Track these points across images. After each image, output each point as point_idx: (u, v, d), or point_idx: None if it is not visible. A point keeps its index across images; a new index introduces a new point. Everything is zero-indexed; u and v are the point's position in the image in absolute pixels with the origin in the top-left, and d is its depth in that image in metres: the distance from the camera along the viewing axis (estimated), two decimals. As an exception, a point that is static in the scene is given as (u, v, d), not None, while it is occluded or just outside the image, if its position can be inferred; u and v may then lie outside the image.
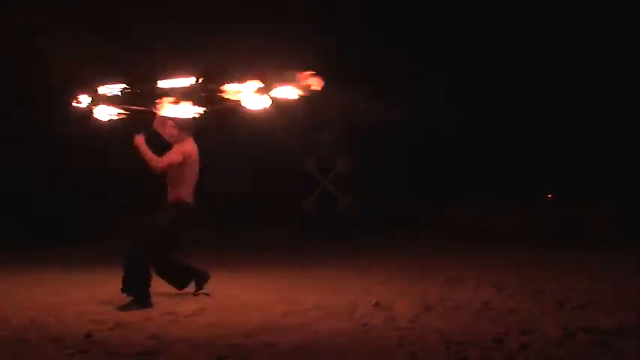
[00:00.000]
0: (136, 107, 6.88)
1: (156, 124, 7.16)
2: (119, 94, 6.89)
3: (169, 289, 7.65)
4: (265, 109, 6.61)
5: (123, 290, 6.62)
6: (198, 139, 7.26)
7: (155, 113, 6.91)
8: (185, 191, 7.02)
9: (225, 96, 6.45)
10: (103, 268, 9.98)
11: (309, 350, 4.63)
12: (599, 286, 7.61)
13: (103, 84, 6.91)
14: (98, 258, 11.99)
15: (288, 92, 6.39)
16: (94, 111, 6.84)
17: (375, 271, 9.72)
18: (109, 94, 6.87)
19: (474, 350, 4.57)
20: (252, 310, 6.22)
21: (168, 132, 7.12)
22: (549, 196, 18.41)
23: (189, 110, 6.65)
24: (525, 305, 6.31)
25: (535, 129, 18.35)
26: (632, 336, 4.91)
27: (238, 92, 6.45)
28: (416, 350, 4.61)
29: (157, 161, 6.85)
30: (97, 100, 6.82)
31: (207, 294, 7.09)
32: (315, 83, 6.36)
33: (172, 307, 6.38)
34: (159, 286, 8.01)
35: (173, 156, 6.97)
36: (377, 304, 6.41)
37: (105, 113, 6.85)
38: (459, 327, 5.32)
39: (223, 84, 6.46)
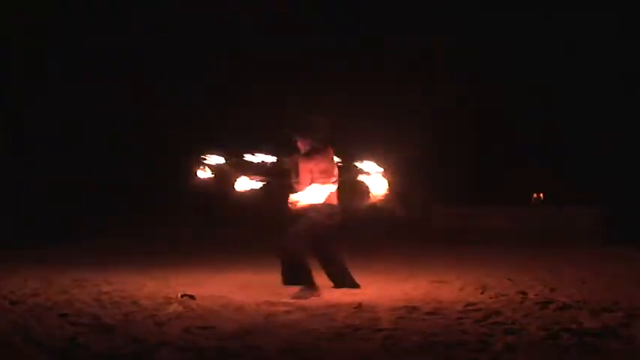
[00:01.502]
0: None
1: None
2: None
3: (153, 291, 7.62)
4: None
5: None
6: None
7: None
8: None
9: None
10: (86, 271, 9.93)
11: (292, 352, 4.60)
12: (584, 287, 7.64)
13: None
14: (83, 259, 11.94)
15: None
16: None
17: (359, 271, 9.70)
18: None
19: (458, 351, 4.56)
20: (236, 312, 6.19)
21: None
22: (536, 196, 18.45)
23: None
24: (510, 306, 6.31)
25: (524, 129, 18.41)
26: (617, 337, 4.90)
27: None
28: (400, 352, 4.59)
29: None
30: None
31: (192, 297, 7.04)
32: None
33: (155, 309, 6.34)
34: (142, 288, 7.99)
35: None
36: (360, 305, 6.39)
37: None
38: (443, 328, 5.31)
39: None
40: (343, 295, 7.17)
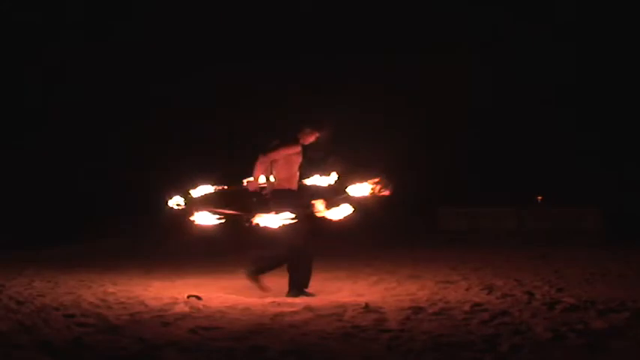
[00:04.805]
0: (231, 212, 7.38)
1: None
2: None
3: (159, 291, 7.62)
4: None
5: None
6: None
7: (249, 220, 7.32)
8: None
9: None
10: (92, 271, 9.94)
11: (298, 353, 4.60)
12: (590, 288, 7.62)
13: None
14: (88, 260, 11.95)
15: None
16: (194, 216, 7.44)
17: (366, 272, 9.71)
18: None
19: (464, 352, 4.55)
20: (243, 313, 6.19)
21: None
22: (539, 197, 18.45)
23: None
24: (516, 307, 6.29)
25: (526, 130, 18.40)
26: (623, 337, 4.89)
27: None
28: (406, 352, 4.59)
29: None
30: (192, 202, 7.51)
31: (198, 297, 7.05)
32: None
33: (161, 310, 6.34)
34: (148, 288, 7.99)
35: None
36: (367, 305, 6.38)
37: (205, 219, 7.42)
38: (450, 329, 5.30)
39: None
40: (350, 296, 7.17)
